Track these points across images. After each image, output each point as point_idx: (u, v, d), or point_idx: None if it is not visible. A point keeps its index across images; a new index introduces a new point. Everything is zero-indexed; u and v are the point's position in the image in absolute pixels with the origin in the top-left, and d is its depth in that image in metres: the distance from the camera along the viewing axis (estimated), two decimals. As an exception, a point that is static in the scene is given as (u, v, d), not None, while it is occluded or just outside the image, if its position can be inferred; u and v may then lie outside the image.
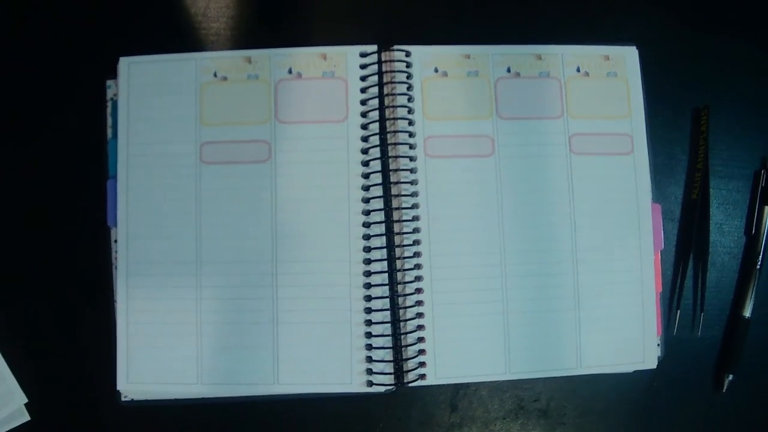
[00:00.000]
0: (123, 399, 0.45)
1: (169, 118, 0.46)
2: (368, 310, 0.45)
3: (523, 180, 0.47)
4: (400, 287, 0.45)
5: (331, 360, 0.45)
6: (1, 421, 0.44)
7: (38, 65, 0.48)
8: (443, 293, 0.45)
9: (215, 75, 0.47)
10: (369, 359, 0.44)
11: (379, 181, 0.45)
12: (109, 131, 0.47)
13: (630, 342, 0.46)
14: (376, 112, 0.46)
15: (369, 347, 0.45)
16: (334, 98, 0.46)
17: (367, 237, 0.45)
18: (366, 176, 0.46)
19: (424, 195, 0.46)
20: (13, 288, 0.46)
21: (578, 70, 0.48)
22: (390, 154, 0.46)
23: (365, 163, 0.46)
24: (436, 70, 0.47)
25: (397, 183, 0.46)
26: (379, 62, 0.47)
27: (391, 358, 0.44)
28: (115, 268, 0.45)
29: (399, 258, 0.45)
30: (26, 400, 0.45)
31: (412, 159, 0.46)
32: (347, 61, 0.47)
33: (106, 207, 0.46)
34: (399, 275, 0.45)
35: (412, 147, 0.46)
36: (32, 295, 0.46)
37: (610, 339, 0.46)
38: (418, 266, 0.45)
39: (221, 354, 0.45)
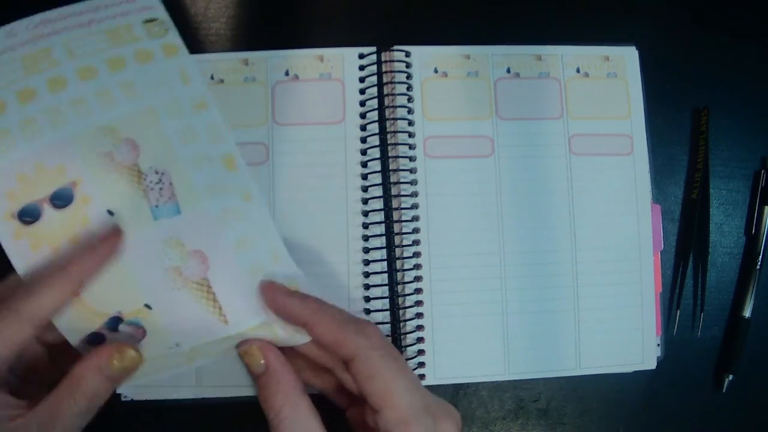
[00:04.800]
0: (123, 399, 0.45)
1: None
2: (367, 311, 0.45)
3: (523, 180, 0.47)
4: (399, 287, 0.45)
5: (331, 361, 0.45)
6: None
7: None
8: (443, 293, 0.46)
9: (212, 77, 0.46)
10: (368, 360, 0.44)
11: (378, 181, 0.45)
12: (110, 131, 0.47)
13: (629, 342, 0.46)
14: (375, 113, 0.46)
15: (368, 348, 0.45)
16: (331, 100, 0.46)
17: (366, 238, 0.45)
18: (365, 177, 0.46)
19: (424, 195, 0.46)
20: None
21: (578, 70, 0.48)
22: (390, 155, 0.46)
23: (364, 164, 0.46)
24: (436, 71, 0.47)
25: (396, 183, 0.46)
26: (379, 62, 0.46)
27: (391, 359, 0.44)
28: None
29: (398, 258, 0.45)
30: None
31: (411, 159, 0.46)
32: (344, 62, 0.47)
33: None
34: (398, 275, 0.45)
35: (411, 147, 0.46)
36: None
37: (609, 339, 0.46)
38: (417, 266, 0.45)
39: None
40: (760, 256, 0.48)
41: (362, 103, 0.46)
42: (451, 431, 0.34)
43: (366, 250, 0.45)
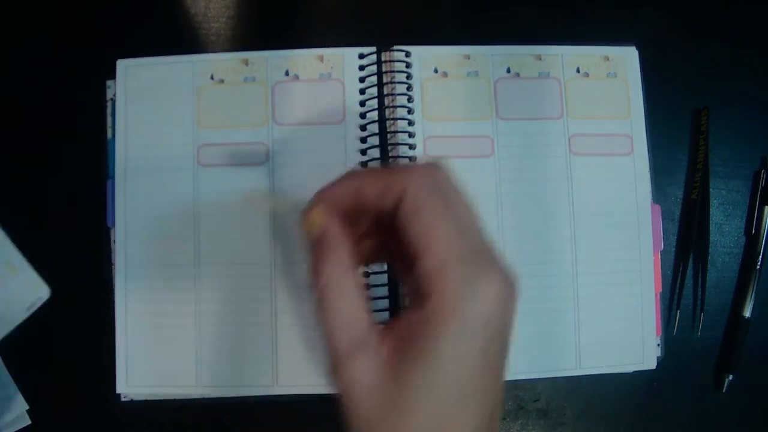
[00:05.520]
0: (123, 399, 0.45)
1: (167, 120, 0.46)
2: (367, 311, 0.45)
3: (523, 181, 0.47)
4: (399, 287, 0.45)
5: (331, 361, 0.45)
6: (3, 425, 0.44)
7: (38, 65, 0.48)
8: (443, 293, 0.45)
9: (212, 77, 0.47)
10: (368, 360, 0.44)
11: (379, 181, 0.45)
12: (109, 131, 0.47)
13: (629, 342, 0.46)
14: (375, 113, 0.46)
15: (368, 348, 0.45)
16: (332, 100, 0.46)
17: (366, 237, 0.45)
18: (365, 177, 0.45)
19: (424, 195, 0.46)
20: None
21: (578, 70, 0.48)
22: (390, 155, 0.46)
23: (364, 164, 0.46)
24: (436, 71, 0.47)
25: (396, 183, 0.46)
26: (379, 62, 0.46)
27: (391, 359, 0.44)
28: (115, 268, 0.45)
29: (398, 258, 0.45)
30: (27, 407, 0.45)
31: (411, 159, 0.46)
32: (344, 62, 0.47)
33: (106, 207, 0.46)
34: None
35: (411, 147, 0.46)
36: (32, 296, 0.46)
37: (609, 339, 0.46)
38: (417, 266, 0.45)
39: (220, 356, 0.45)
40: (760, 256, 0.48)
41: (362, 103, 0.46)
42: (491, 292, 0.29)
43: (366, 250, 0.45)
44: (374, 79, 0.46)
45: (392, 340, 0.30)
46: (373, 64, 0.46)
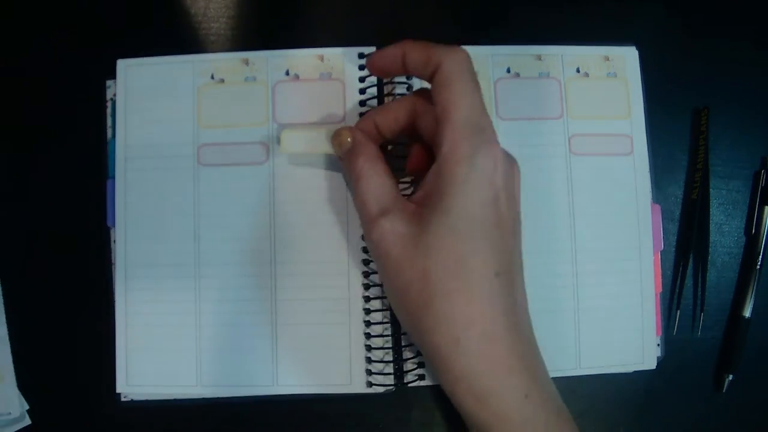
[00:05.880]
0: (123, 399, 0.45)
1: (167, 120, 0.46)
2: (367, 311, 0.45)
3: (523, 180, 0.46)
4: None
5: (331, 361, 0.45)
6: (3, 425, 0.44)
7: (38, 65, 0.48)
8: (443, 293, 0.45)
9: (212, 77, 0.46)
10: (368, 360, 0.44)
11: (379, 181, 0.45)
12: (109, 131, 0.47)
13: (629, 342, 0.46)
14: (375, 113, 0.46)
15: (368, 348, 0.45)
16: (332, 99, 0.46)
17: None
18: (365, 177, 0.45)
19: (424, 195, 0.46)
20: (12, 288, 0.46)
21: (578, 70, 0.48)
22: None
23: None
24: (436, 71, 0.47)
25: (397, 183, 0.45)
26: (379, 62, 0.46)
27: (391, 359, 0.44)
28: (116, 268, 0.45)
29: (398, 258, 0.45)
30: (27, 407, 0.45)
31: (411, 159, 0.46)
32: (344, 62, 0.47)
33: (106, 207, 0.46)
34: (399, 275, 0.45)
35: (411, 147, 0.46)
36: (31, 295, 0.46)
37: (609, 339, 0.46)
38: (417, 266, 0.45)
39: (220, 356, 0.45)
40: (760, 256, 0.48)
41: (362, 103, 0.46)
42: (492, 157, 0.35)
43: (366, 250, 0.45)
44: (374, 79, 0.46)
45: (418, 199, 0.37)
46: (373, 64, 0.46)
